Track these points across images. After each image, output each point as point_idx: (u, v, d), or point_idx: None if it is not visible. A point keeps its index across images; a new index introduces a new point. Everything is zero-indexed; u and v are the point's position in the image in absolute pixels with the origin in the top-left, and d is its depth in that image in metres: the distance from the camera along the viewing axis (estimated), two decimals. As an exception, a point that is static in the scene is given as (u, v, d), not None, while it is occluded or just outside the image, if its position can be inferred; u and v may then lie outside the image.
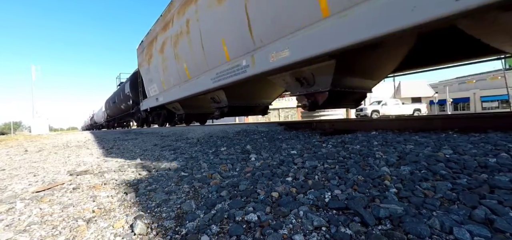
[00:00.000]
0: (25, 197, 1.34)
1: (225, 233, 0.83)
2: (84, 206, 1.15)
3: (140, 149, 3.03)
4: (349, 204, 0.92)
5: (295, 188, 1.16)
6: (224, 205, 1.04)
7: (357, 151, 1.71)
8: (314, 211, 0.92)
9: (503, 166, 1.16)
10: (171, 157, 2.28)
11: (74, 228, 0.94)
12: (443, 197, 0.92)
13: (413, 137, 1.97)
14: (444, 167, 1.21)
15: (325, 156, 1.68)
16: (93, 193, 1.35)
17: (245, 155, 2.01)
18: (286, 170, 1.47)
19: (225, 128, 4.11)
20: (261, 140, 2.74)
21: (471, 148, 1.50)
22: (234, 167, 1.69)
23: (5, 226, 0.99)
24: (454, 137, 1.85)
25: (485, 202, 0.84)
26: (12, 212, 1.12)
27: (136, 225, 0.90)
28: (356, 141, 2.05)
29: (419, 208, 0.86)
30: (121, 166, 2.06)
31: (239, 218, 0.91)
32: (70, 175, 1.83)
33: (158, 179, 1.56)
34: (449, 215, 0.78)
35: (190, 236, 0.82)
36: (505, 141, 1.57)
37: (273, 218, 0.89)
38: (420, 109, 20.89)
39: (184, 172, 1.67)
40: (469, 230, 0.69)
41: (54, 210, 1.13)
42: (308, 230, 0.79)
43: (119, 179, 1.61)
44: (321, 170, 1.38)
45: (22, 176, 1.90)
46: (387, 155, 1.53)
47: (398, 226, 0.76)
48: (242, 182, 1.32)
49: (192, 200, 1.15)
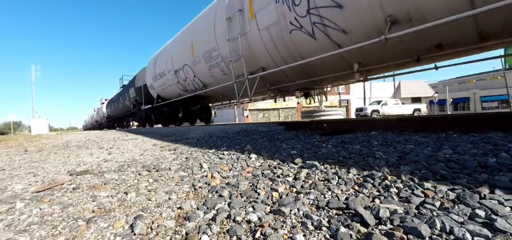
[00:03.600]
0: (25, 197, 1.34)
1: (225, 233, 0.83)
2: (84, 206, 1.15)
3: (140, 149, 3.03)
4: (349, 204, 0.92)
5: (295, 188, 1.16)
6: (224, 205, 1.04)
7: (357, 151, 1.72)
8: (314, 211, 0.92)
9: (503, 166, 1.16)
10: (171, 157, 2.28)
11: (74, 228, 0.93)
12: (443, 197, 0.92)
13: (413, 137, 1.97)
14: (444, 167, 1.21)
15: (325, 156, 1.69)
16: (93, 193, 1.35)
17: (245, 155, 2.01)
18: (286, 170, 1.48)
19: (225, 128, 4.11)
20: (261, 140, 2.74)
21: (471, 148, 1.50)
22: (234, 167, 1.69)
23: (5, 226, 0.99)
24: (454, 137, 1.85)
25: (485, 202, 0.84)
26: (12, 212, 1.12)
27: (136, 225, 0.90)
28: (356, 141, 2.05)
29: (419, 208, 0.86)
30: (121, 166, 2.06)
31: (240, 218, 0.91)
32: (70, 175, 1.83)
33: (158, 179, 1.56)
34: (449, 215, 0.78)
35: (190, 236, 0.82)
36: (505, 141, 1.57)
37: (274, 218, 0.89)
38: (420, 109, 20.89)
39: (184, 172, 1.67)
40: (469, 230, 0.69)
41: (54, 210, 1.13)
42: (308, 230, 0.79)
43: (119, 179, 1.61)
44: (321, 170, 1.38)
45: (22, 176, 1.90)
46: (387, 155, 1.53)
47: (398, 226, 0.76)
48: (242, 182, 1.32)
49: (192, 200, 1.15)
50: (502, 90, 24.62)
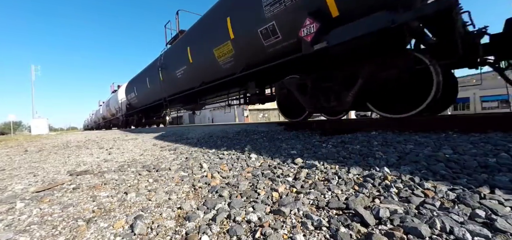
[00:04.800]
0: (25, 197, 1.34)
1: (225, 233, 0.83)
2: (84, 206, 1.15)
3: (140, 149, 3.03)
4: (349, 204, 0.92)
5: (295, 188, 1.16)
6: (224, 205, 1.04)
7: (357, 151, 1.71)
8: (314, 211, 0.92)
9: (503, 166, 1.16)
10: (171, 157, 2.28)
11: (74, 228, 0.93)
12: (443, 197, 0.92)
13: (413, 137, 1.97)
14: (444, 167, 1.21)
15: (325, 156, 1.68)
16: (93, 193, 1.35)
17: (245, 155, 2.01)
18: (286, 170, 1.47)
19: (225, 128, 4.11)
20: (261, 140, 2.74)
21: (471, 148, 1.50)
22: (234, 167, 1.69)
23: (5, 226, 0.99)
24: (454, 137, 1.85)
25: (485, 202, 0.84)
26: (12, 212, 1.12)
27: (136, 225, 0.90)
28: (356, 141, 2.05)
29: (419, 208, 0.86)
30: (121, 166, 2.06)
31: (240, 218, 0.91)
32: (70, 175, 1.83)
33: (158, 179, 1.56)
34: (449, 215, 0.78)
35: (190, 236, 0.82)
36: (505, 141, 1.57)
37: (274, 218, 0.89)
38: (420, 109, 20.83)
39: (184, 172, 1.67)
40: (469, 230, 0.69)
41: (54, 210, 1.13)
42: (308, 230, 0.79)
43: (119, 179, 1.61)
44: (321, 170, 1.38)
45: (22, 176, 1.90)
46: (387, 155, 1.53)
47: (398, 226, 0.76)
48: (242, 182, 1.32)
49: (192, 200, 1.15)
50: (502, 90, 24.62)
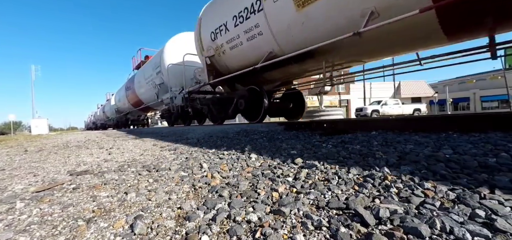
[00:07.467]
0: (25, 197, 1.34)
1: (225, 233, 0.83)
2: (84, 206, 1.15)
3: (140, 149, 3.03)
4: (349, 204, 0.92)
5: (295, 188, 1.16)
6: (224, 205, 1.04)
7: (357, 151, 1.72)
8: (314, 211, 0.92)
9: (503, 166, 1.16)
10: (171, 157, 2.28)
11: (74, 228, 0.93)
12: (443, 197, 0.92)
13: (413, 137, 1.97)
14: (444, 167, 1.21)
15: (325, 156, 1.69)
16: (93, 193, 1.35)
17: (245, 155, 2.01)
18: (286, 170, 1.47)
19: (225, 128, 4.11)
20: (261, 140, 2.74)
21: (471, 148, 1.50)
22: (234, 167, 1.69)
23: (5, 226, 0.99)
24: (454, 137, 1.85)
25: (485, 202, 0.84)
26: (12, 212, 1.12)
27: (136, 225, 0.90)
28: (356, 141, 2.05)
29: (419, 208, 0.86)
30: (121, 166, 2.06)
31: (240, 218, 0.91)
32: (70, 175, 1.83)
33: (158, 179, 1.56)
34: (449, 215, 0.78)
35: (190, 236, 0.82)
36: (505, 141, 1.57)
37: (274, 218, 0.89)
38: (420, 109, 20.89)
39: (184, 172, 1.67)
40: (469, 230, 0.69)
41: (54, 210, 1.13)
42: (309, 230, 0.79)
43: (119, 179, 1.61)
44: (321, 170, 1.38)
45: (22, 176, 1.90)
46: (387, 155, 1.53)
47: (398, 226, 0.76)
48: (242, 182, 1.32)
49: (192, 200, 1.15)
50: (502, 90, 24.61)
